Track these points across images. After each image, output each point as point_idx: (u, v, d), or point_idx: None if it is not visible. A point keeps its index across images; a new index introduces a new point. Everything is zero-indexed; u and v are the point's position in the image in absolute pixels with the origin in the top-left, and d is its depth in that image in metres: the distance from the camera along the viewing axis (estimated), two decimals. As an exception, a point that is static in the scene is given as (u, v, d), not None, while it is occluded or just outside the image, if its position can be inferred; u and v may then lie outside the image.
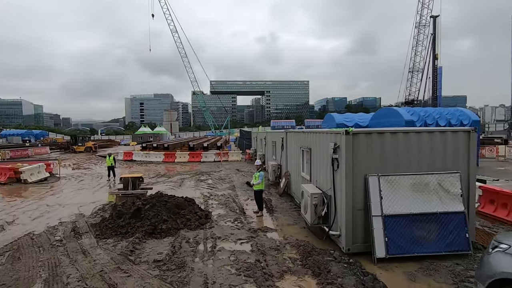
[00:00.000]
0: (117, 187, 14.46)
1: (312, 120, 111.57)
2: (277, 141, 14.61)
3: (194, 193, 12.72)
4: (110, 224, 7.39)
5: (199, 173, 18.58)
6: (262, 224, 8.28)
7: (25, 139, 63.41)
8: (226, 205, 10.47)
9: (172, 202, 8.07)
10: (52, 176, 17.15)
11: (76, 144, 38.10)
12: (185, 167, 22.02)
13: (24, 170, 15.20)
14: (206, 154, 26.08)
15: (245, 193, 12.54)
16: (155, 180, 16.25)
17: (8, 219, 8.95)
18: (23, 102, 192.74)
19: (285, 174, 11.92)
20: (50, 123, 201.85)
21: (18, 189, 14.25)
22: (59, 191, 13.69)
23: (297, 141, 10.36)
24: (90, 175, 18.24)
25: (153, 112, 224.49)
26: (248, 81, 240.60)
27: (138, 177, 10.11)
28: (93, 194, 12.86)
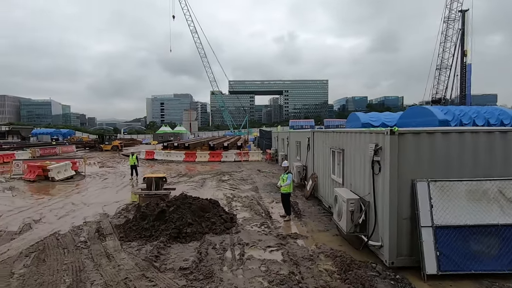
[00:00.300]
0: (139, 186, 14.44)
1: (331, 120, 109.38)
2: (302, 141, 14.00)
3: (217, 194, 12.39)
4: (134, 226, 7.14)
5: (220, 173, 18.30)
6: (290, 230, 7.75)
7: (53, 138, 66.38)
8: (250, 207, 10.03)
9: (197, 204, 7.73)
10: (78, 174, 17.48)
11: (103, 143, 39.21)
12: (205, 167, 21.87)
13: (52, 168, 15.54)
14: (227, 154, 25.84)
15: (269, 195, 12.05)
16: (176, 179, 16.12)
17: (36, 218, 8.99)
18: (52, 103, 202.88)
19: (312, 176, 11.31)
20: (77, 122, 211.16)
21: (46, 186, 14.56)
22: (84, 189, 13.83)
23: (326, 142, 9.74)
24: (114, 174, 18.46)
25: (173, 112, 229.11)
26: (266, 81, 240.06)
27: (161, 177, 9.90)
28: (117, 193, 12.86)
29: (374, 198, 6.04)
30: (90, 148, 42.74)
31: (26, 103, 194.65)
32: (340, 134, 8.36)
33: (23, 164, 17.24)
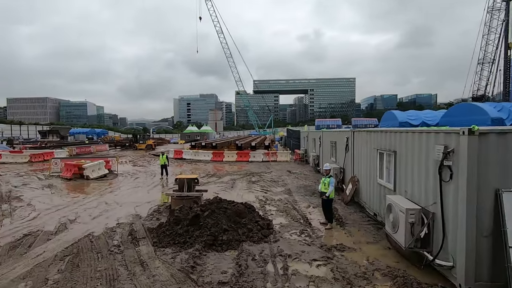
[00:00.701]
0: (169, 186, 14.33)
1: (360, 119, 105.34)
2: (338, 142, 13.09)
3: (248, 196, 11.86)
4: (167, 230, 6.77)
5: (249, 174, 17.81)
6: (335, 240, 6.99)
7: (89, 137, 70.04)
8: (286, 212, 9.36)
9: (232, 209, 7.21)
10: (111, 173, 17.80)
11: (137, 142, 40.48)
12: (233, 167, 21.51)
13: (87, 167, 15.90)
14: (254, 154, 25.35)
15: (304, 199, 11.30)
16: (206, 180, 15.84)
17: (71, 217, 8.98)
18: (88, 104, 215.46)
19: (352, 179, 10.41)
20: (110, 122, 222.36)
21: (81, 184, 14.89)
22: (117, 188, 13.92)
23: (371, 142, 8.82)
24: (145, 173, 18.61)
25: (199, 111, 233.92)
26: (291, 80, 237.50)
27: (193, 178, 9.53)
28: (148, 193, 12.76)
29: (441, 209, 5.13)
30: (121, 147, 44.32)
31: (65, 104, 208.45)
32: (390, 134, 7.44)
33: (61, 163, 17.87)
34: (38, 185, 14.35)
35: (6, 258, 5.95)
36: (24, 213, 9.45)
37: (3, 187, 13.85)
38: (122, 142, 47.95)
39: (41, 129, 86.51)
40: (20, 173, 18.77)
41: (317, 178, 15.82)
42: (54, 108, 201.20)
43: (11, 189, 13.34)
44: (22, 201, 11.18)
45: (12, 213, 9.50)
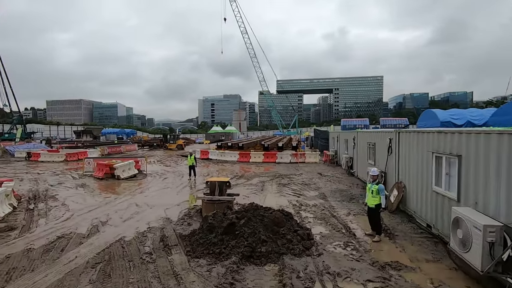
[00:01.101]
0: (198, 187, 14.03)
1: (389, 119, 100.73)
2: (378, 143, 12.06)
3: (280, 200, 11.21)
4: (201, 239, 6.29)
5: (278, 176, 17.14)
6: (387, 256, 6.14)
7: (119, 137, 72.91)
8: (324, 220, 8.60)
9: (270, 217, 6.60)
10: (140, 173, 17.91)
11: (168, 142, 41.31)
12: (260, 168, 20.95)
13: (117, 167, 16.06)
14: (282, 155, 24.62)
15: (342, 205, 10.44)
16: (234, 182, 15.38)
17: (103, 219, 8.84)
18: (118, 105, 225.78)
19: (397, 185, 9.40)
20: (138, 123, 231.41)
21: (112, 184, 15.02)
22: (146, 189, 13.85)
23: (424, 144, 7.82)
24: (173, 173, 18.56)
25: (223, 112, 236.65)
26: (315, 79, 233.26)
27: (225, 181, 9.05)
28: (177, 195, 12.52)
29: (535, 228, 4.17)
30: (149, 147, 45.42)
31: (98, 106, 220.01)
32: (453, 135, 6.45)
33: (94, 162, 18.28)
34: (72, 184, 14.67)
35: (39, 263, 5.77)
36: (58, 213, 9.48)
37: (41, 186, 14.28)
38: (150, 142, 49.17)
39: (76, 129, 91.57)
40: (56, 171, 19.49)
41: (351, 182, 14.82)
42: (88, 109, 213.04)
43: (47, 188, 13.70)
44: (57, 200, 11.34)
45: (47, 213, 9.57)
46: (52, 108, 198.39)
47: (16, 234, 7.45)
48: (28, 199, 11.58)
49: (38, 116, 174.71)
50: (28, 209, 9.97)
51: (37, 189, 13.54)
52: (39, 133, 76.22)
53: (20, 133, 60.80)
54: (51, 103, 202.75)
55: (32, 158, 27.19)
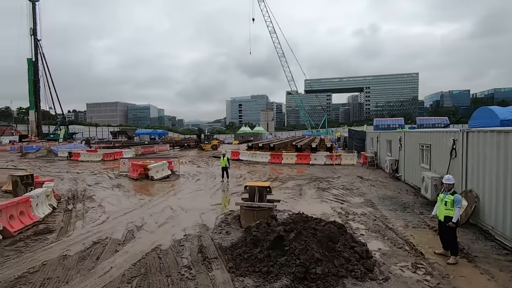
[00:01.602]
0: (231, 190, 13.44)
1: (427, 118, 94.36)
2: (434, 145, 10.61)
3: (322, 207, 10.23)
4: (245, 253, 5.56)
5: (314, 179, 16.08)
6: (472, 285, 4.97)
7: (151, 137, 75.53)
8: (380, 233, 7.50)
9: (323, 230, 5.70)
10: (173, 174, 17.75)
11: (203, 142, 41.78)
12: (294, 170, 19.97)
13: (151, 168, 15.99)
14: (315, 156, 23.42)
15: (395, 214, 9.21)
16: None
17: (138, 223, 8.48)
18: (151, 107, 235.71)
19: (467, 195, 8.01)
20: (169, 123, 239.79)
21: (146, 185, 14.92)
22: (179, 190, 13.51)
23: (509, 146, 6.45)
24: (205, 174, 18.21)
25: (250, 112, 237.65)
26: (345, 78, 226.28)
27: (265, 186, 8.26)
28: (211, 198, 12.00)
29: None
30: (180, 147, 46.17)
31: (132, 108, 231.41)
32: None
33: (128, 163, 18.47)
34: (108, 185, 14.77)
35: (74, 274, 5.38)
36: (95, 215, 9.31)
37: (79, 186, 14.53)
38: (181, 143, 50.05)
39: (113, 130, 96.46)
40: (94, 171, 20.02)
41: (398, 187, 13.38)
42: (123, 111, 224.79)
43: (85, 188, 13.87)
44: (94, 201, 11.29)
45: (84, 214, 9.44)
46: (91, 110, 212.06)
47: (54, 238, 7.25)
48: (67, 199, 11.69)
49: (79, 118, 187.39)
50: (66, 210, 9.95)
51: (76, 188, 13.76)
52: (79, 133, 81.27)
53: (63, 134, 65.02)
54: (90, 105, 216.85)
55: (73, 158, 28.50)
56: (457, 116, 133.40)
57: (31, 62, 68.02)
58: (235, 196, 12.07)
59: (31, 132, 68.02)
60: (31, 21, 69.05)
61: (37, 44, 69.09)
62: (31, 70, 67.67)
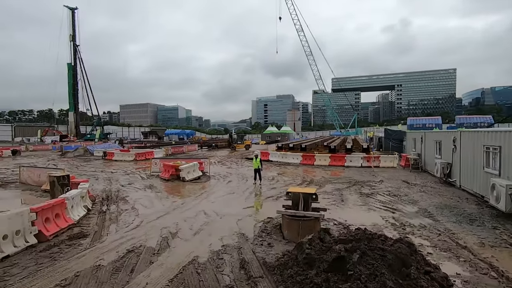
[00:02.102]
0: (265, 194, 12.65)
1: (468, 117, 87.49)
2: (505, 147, 9.06)
3: (371, 216, 9.10)
4: (297, 275, 4.72)
5: (354, 183, 14.84)
6: None
7: (180, 137, 77.17)
8: (451, 252, 6.30)
9: (393, 252, 4.69)
10: (204, 175, 17.35)
11: (236, 142, 41.78)
12: (328, 172, 18.78)
13: (183, 169, 15.67)
14: (351, 158, 21.98)
15: (462, 228, 7.88)
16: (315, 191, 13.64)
17: (172, 229, 7.95)
18: (179, 108, 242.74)
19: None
20: (196, 124, 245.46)
21: (178, 186, 14.60)
22: (211, 192, 12.97)
23: None
24: (236, 176, 17.61)
25: (276, 112, 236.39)
26: (374, 75, 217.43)
27: (311, 193, 7.34)
28: (246, 202, 11.30)
29: None
30: (208, 147, 46.36)
31: (161, 109, 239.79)
32: None
33: (160, 163, 18.38)
34: (141, 185, 14.63)
35: (107, 289, 4.87)
36: (128, 219, 8.96)
37: (113, 186, 14.53)
38: (209, 143, 50.34)
39: (144, 130, 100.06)
40: (127, 171, 20.23)
41: (455, 194, 11.81)
42: (153, 112, 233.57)
43: (119, 189, 13.80)
44: (127, 203, 11.05)
45: (118, 217, 9.14)
46: (124, 112, 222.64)
47: (87, 244, 6.89)
48: (102, 200, 11.58)
49: (113, 119, 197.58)
50: (100, 212, 9.73)
51: (110, 189, 13.73)
52: (113, 134, 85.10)
53: (99, 134, 68.26)
54: (123, 107, 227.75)
55: (107, 157, 29.37)
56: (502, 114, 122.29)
57: (71, 67, 72.25)
58: (270, 201, 11.28)
59: (70, 132, 72.28)
60: (71, 28, 73.42)
61: (76, 49, 73.30)
62: (70, 74, 71.89)
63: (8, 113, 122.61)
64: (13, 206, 11.20)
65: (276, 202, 11.06)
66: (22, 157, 34.39)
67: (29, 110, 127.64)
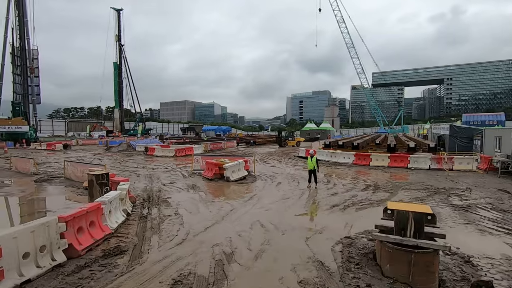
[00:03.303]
0: (326, 201, 10.54)
1: None
2: None
3: (491, 243, 6.59)
4: None
5: (433, 190, 12.09)
6: None
7: (217, 134, 77.38)
8: None
9: None
10: (249, 175, 15.67)
11: (287, 139, 40.30)
12: (389, 174, 16.04)
13: (227, 168, 14.12)
14: (416, 158, 18.85)
15: None
16: (373, 196, 11.27)
17: (226, 247, 6.26)
18: (215, 105, 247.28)
19: None
20: (231, 120, 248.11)
21: (222, 187, 13.09)
22: (262, 196, 11.19)
23: None
24: (284, 176, 15.69)
25: (311, 109, 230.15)
26: (421, 69, 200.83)
27: (426, 213, 5.09)
28: (305, 210, 9.36)
29: None
30: (246, 144, 45.03)
31: (198, 106, 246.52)
32: None
33: (202, 160, 17.12)
34: (183, 185, 13.37)
35: None
36: (172, 229, 7.49)
37: (155, 184, 13.45)
38: (246, 139, 49.02)
39: (182, 126, 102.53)
40: (167, 167, 19.36)
41: None
42: (191, 109, 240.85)
43: (160, 188, 12.65)
44: (169, 206, 9.71)
45: (160, 226, 7.72)
46: (164, 109, 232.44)
47: (125, 265, 5.44)
48: (143, 201, 10.40)
49: (153, 115, 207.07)
50: (141, 217, 8.43)
51: (151, 188, 12.63)
52: (154, 129, 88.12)
53: (141, 129, 70.73)
54: (163, 104, 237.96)
55: (149, 153, 29.23)
56: None
57: (116, 66, 75.68)
58: (338, 212, 9.18)
59: (116, 128, 75.99)
60: (116, 28, 76.81)
61: (121, 49, 76.58)
62: (116, 72, 75.33)
63: (64, 110, 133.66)
64: (55, 203, 10.49)
65: (345, 213, 8.94)
66: (72, 151, 35.98)
67: (80, 107, 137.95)
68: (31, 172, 16.49)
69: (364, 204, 9.93)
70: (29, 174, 16.38)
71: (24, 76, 55.15)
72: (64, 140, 50.63)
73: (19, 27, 53.66)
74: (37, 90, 57.63)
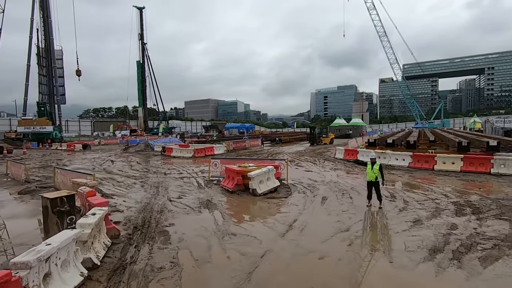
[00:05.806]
0: (412, 239, 6.67)
1: None
2: None
3: None
4: None
5: None
6: None
7: (240, 131, 74.46)
8: None
9: None
10: (281, 185, 12.00)
11: (321, 135, 36.52)
12: (467, 184, 11.70)
13: (253, 176, 10.55)
14: (504, 161, 14.15)
15: None
16: (486, 230, 7.20)
17: None
18: (238, 102, 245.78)
19: None
20: (254, 118, 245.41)
21: (248, 206, 9.60)
22: (307, 224, 7.54)
23: None
24: (326, 186, 11.87)
25: (336, 104, 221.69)
26: (457, 59, 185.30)
27: None
28: (383, 256, 5.56)
29: None
30: (271, 142, 41.42)
31: (222, 104, 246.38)
32: None
33: (221, 164, 13.75)
34: (194, 201, 10.02)
35: None
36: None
37: (158, 200, 10.23)
38: (272, 137, 45.44)
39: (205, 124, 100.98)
40: (182, 172, 16.27)
41: None
42: (214, 107, 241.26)
43: (164, 206, 9.38)
44: (167, 244, 6.35)
45: (139, 297, 4.33)
46: (188, 107, 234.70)
47: None
48: (133, 230, 7.16)
49: (178, 114, 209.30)
50: (115, 271, 5.12)
51: (152, 206, 9.41)
52: (177, 128, 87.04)
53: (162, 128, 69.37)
54: (187, 103, 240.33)
55: (166, 153, 26.60)
56: None
57: (139, 64, 75.00)
58: (449, 267, 5.28)
59: (139, 127, 75.57)
60: (139, 27, 76.03)
61: (144, 47, 75.72)
62: (139, 71, 74.66)
63: (93, 111, 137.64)
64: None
65: (465, 271, 5.04)
66: (91, 151, 34.42)
67: (108, 107, 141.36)
68: (22, 179, 14.05)
69: (486, 248, 5.92)
70: (21, 182, 13.95)
71: (50, 76, 55.37)
72: (86, 140, 49.99)
73: (44, 28, 53.75)
74: (62, 91, 57.78)
